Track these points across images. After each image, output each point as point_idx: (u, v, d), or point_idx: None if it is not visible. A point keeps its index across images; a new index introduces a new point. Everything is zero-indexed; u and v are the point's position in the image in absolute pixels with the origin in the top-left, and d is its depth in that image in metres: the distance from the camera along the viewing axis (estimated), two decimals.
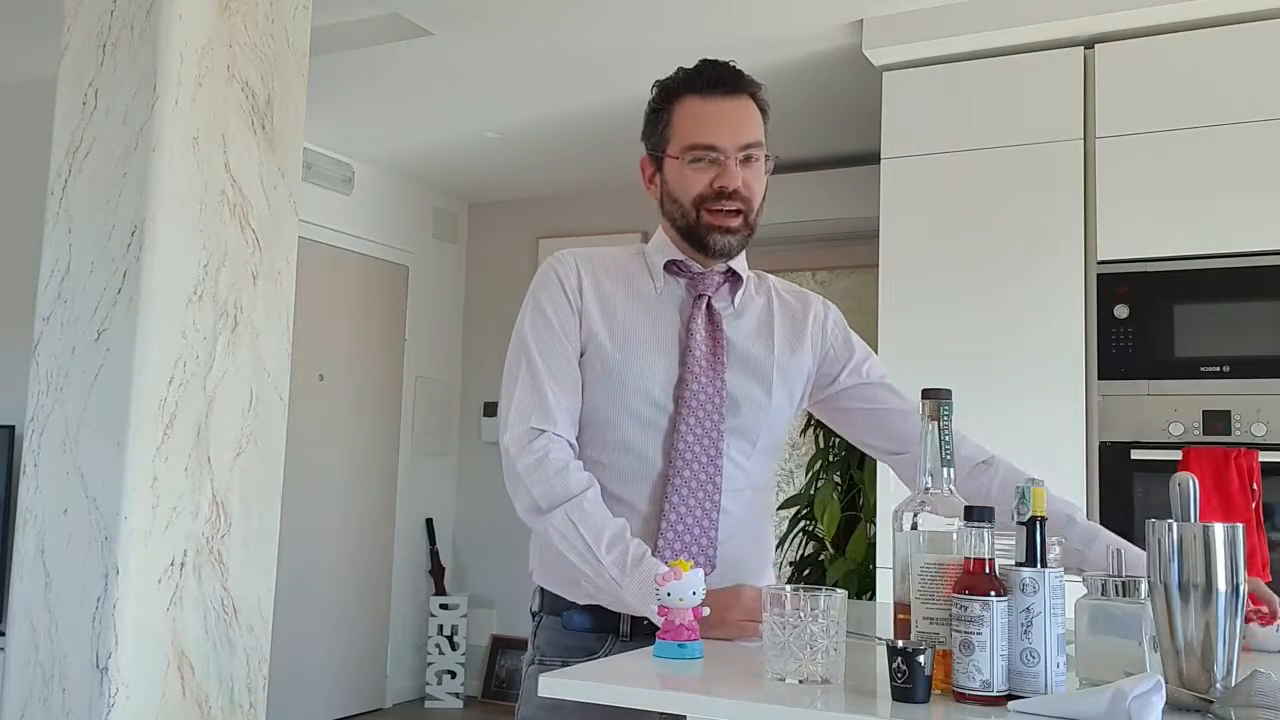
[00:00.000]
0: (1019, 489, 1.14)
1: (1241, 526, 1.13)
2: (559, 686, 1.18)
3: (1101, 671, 1.13)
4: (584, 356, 1.61)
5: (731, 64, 1.63)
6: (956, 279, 3.26)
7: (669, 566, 1.30)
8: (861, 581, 4.02)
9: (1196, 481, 1.18)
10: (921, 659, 1.06)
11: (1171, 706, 1.06)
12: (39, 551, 2.48)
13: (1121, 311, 3.04)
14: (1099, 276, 3.09)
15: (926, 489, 1.27)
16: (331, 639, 5.03)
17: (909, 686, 1.06)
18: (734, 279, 1.68)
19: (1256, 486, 2.78)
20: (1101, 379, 3.06)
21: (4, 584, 3.23)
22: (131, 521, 2.38)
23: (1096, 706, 0.98)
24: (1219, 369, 2.93)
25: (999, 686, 1.07)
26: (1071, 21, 3.15)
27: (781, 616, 1.16)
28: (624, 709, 1.18)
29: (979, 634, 1.07)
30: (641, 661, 1.30)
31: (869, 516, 4.03)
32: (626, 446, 1.58)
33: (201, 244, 2.56)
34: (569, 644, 1.57)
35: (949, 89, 3.35)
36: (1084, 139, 3.16)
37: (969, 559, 1.11)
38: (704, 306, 1.64)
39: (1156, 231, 3.03)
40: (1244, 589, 1.12)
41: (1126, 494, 2.98)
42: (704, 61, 1.63)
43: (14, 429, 3.68)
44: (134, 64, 2.53)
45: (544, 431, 1.55)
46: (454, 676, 5.38)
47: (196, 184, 2.55)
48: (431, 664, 5.39)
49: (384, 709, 5.30)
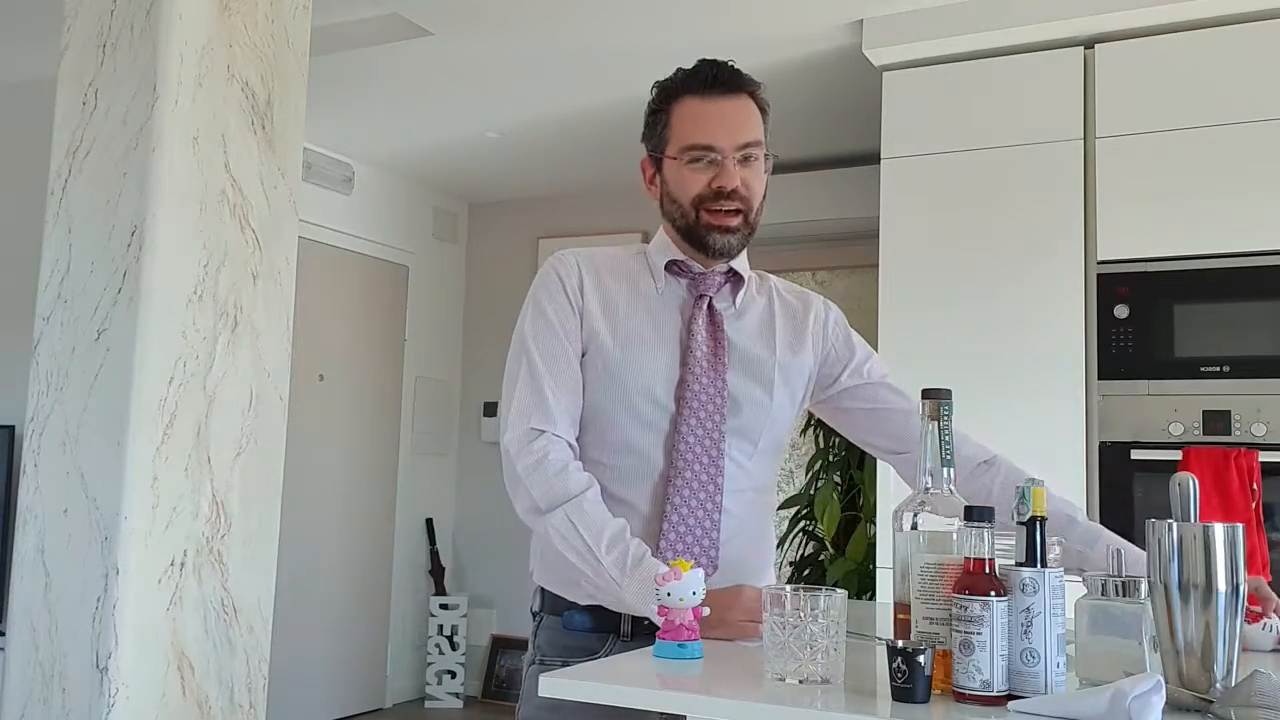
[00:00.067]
0: (1019, 489, 1.14)
1: (1241, 526, 1.13)
2: (559, 686, 1.18)
3: (1101, 671, 1.13)
4: (585, 356, 1.61)
5: (730, 64, 1.63)
6: (956, 279, 3.26)
7: (669, 566, 1.30)
8: (861, 581, 4.02)
9: (1196, 481, 1.18)
10: (921, 659, 1.06)
11: (1171, 706, 1.06)
12: (39, 551, 2.48)
13: (1121, 311, 3.04)
14: (1099, 276, 3.09)
15: (926, 489, 1.27)
16: (331, 639, 5.03)
17: (909, 686, 1.06)
18: (735, 279, 1.68)
19: (1256, 486, 2.78)
20: (1101, 379, 3.06)
21: (4, 584, 3.23)
22: (131, 521, 2.38)
23: (1096, 706, 0.98)
24: (1219, 369, 2.93)
25: (999, 686, 1.07)
26: (1071, 21, 3.15)
27: (781, 616, 1.16)
28: (624, 709, 1.18)
29: (979, 634, 1.07)
30: (641, 661, 1.30)
31: (869, 516, 4.03)
32: (628, 447, 1.58)
33: (201, 244, 2.56)
34: (570, 644, 1.57)
35: (949, 89, 3.35)
36: (1084, 139, 3.16)
37: (969, 559, 1.11)
38: (705, 307, 1.64)
39: (1156, 231, 3.03)
40: (1244, 589, 1.12)
41: (1126, 494, 2.98)
42: (702, 61, 1.63)
43: (14, 429, 3.68)
44: (134, 64, 2.53)
45: (543, 432, 1.55)
46: (454, 676, 5.38)
47: (196, 184, 2.55)
48: (431, 664, 5.39)
49: (384, 709, 5.30)
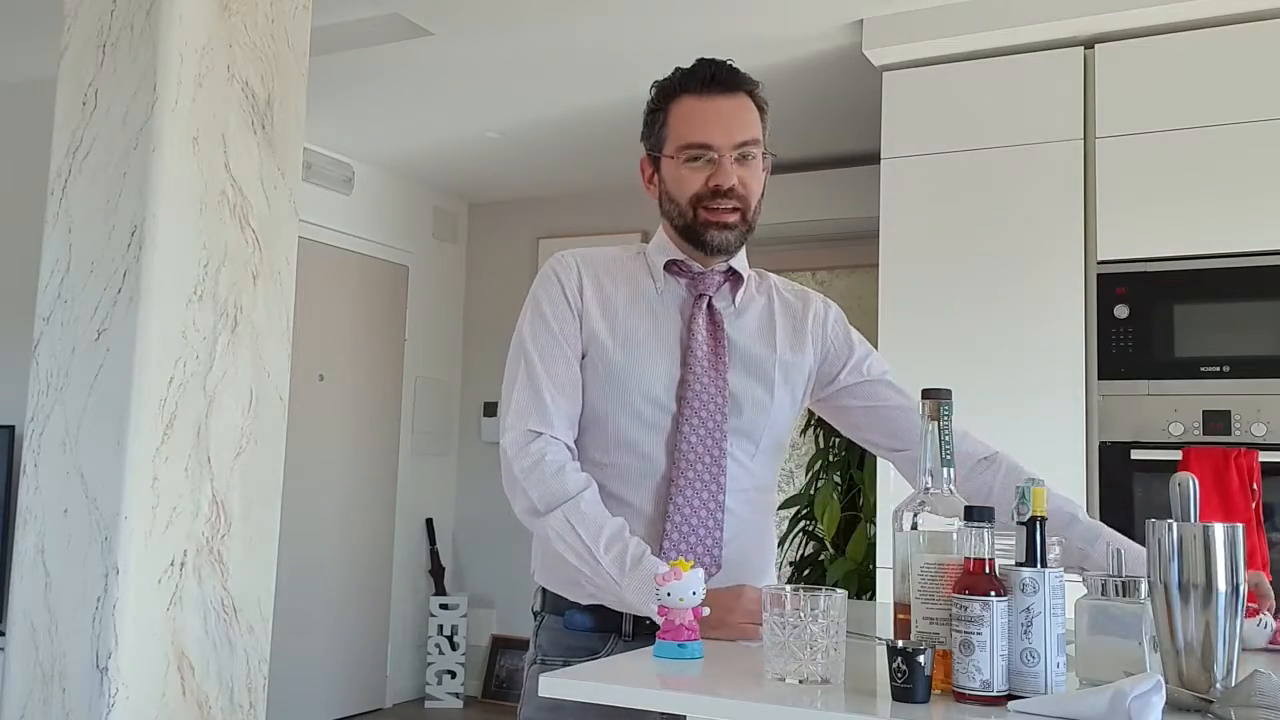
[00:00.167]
0: (1019, 489, 1.14)
1: (1241, 526, 1.13)
2: (558, 686, 1.18)
3: (1101, 671, 1.13)
4: (586, 358, 1.61)
5: (728, 63, 1.63)
6: (956, 279, 3.26)
7: (669, 566, 1.30)
8: (861, 581, 4.02)
9: (1196, 481, 1.18)
10: (921, 659, 1.06)
11: (1171, 706, 1.06)
12: (39, 551, 2.48)
13: (1121, 311, 3.04)
14: (1099, 276, 3.09)
15: (926, 489, 1.27)
16: (331, 639, 5.03)
17: (909, 686, 1.06)
18: (734, 278, 1.68)
19: (1256, 486, 2.78)
20: (1101, 379, 3.06)
21: (4, 584, 3.23)
22: (131, 521, 2.38)
23: (1096, 706, 0.98)
24: (1219, 369, 2.93)
25: (999, 686, 1.07)
26: (1071, 21, 3.15)
27: (781, 616, 1.16)
28: (624, 709, 1.18)
29: (979, 634, 1.07)
30: (641, 661, 1.30)
31: (869, 516, 4.03)
32: (629, 447, 1.58)
33: (201, 244, 2.56)
34: (571, 644, 1.57)
35: (949, 89, 3.35)
36: (1084, 139, 3.16)
37: (969, 559, 1.11)
38: (705, 306, 1.64)
39: (1156, 231, 3.03)
40: (1244, 589, 1.12)
41: (1126, 494, 2.98)
42: (700, 61, 1.63)
43: (14, 429, 3.68)
44: (134, 64, 2.53)
45: (541, 434, 1.55)
46: (454, 676, 5.38)
47: (196, 184, 2.55)
48: (431, 664, 5.39)
49: (384, 709, 5.30)
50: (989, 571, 1.10)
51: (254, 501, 2.66)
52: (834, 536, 4.29)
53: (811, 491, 4.50)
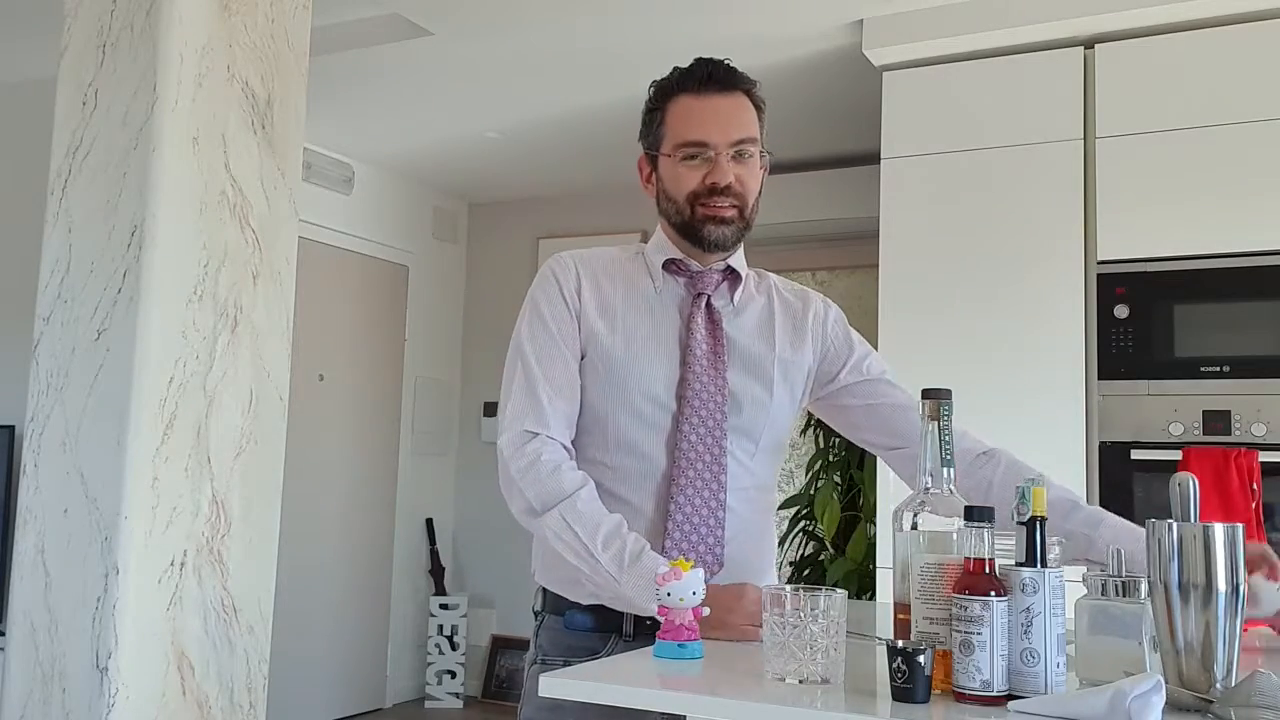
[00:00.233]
0: (1019, 489, 1.14)
1: (1241, 526, 1.13)
2: (558, 686, 1.18)
3: (1101, 671, 1.13)
4: (585, 359, 1.61)
5: (726, 62, 1.63)
6: (956, 279, 3.26)
7: (669, 565, 1.30)
8: (861, 581, 4.02)
9: (1196, 481, 1.18)
10: (921, 659, 1.06)
11: (1171, 706, 1.06)
12: (39, 551, 2.48)
13: (1121, 311, 3.04)
14: (1099, 276, 3.09)
15: (926, 489, 1.27)
16: (331, 639, 5.03)
17: (909, 686, 1.06)
18: (733, 277, 1.68)
19: (1256, 486, 2.78)
20: (1101, 379, 3.06)
21: (4, 584, 3.23)
22: (131, 521, 2.38)
23: (1096, 706, 0.98)
24: (1219, 369, 2.93)
25: (999, 686, 1.07)
26: (1071, 21, 3.15)
27: (781, 616, 1.16)
28: (624, 709, 1.18)
29: (979, 634, 1.07)
30: (641, 661, 1.30)
31: (869, 516, 4.03)
32: (630, 447, 1.58)
33: (201, 244, 2.56)
34: (572, 644, 1.57)
35: (949, 89, 3.35)
36: (1084, 139, 3.16)
37: (969, 559, 1.11)
38: (703, 305, 1.64)
39: (1156, 231, 3.03)
40: (1244, 589, 1.12)
41: (1126, 494, 2.98)
42: (698, 60, 1.63)
43: (14, 429, 3.68)
44: (134, 64, 2.53)
45: (537, 435, 1.55)
46: (454, 676, 5.38)
47: (196, 184, 2.55)
48: (431, 664, 5.39)
49: (384, 709, 5.30)
50: (989, 571, 1.10)
51: (254, 501, 2.66)
52: (834, 536, 4.29)
53: (811, 491, 4.50)
